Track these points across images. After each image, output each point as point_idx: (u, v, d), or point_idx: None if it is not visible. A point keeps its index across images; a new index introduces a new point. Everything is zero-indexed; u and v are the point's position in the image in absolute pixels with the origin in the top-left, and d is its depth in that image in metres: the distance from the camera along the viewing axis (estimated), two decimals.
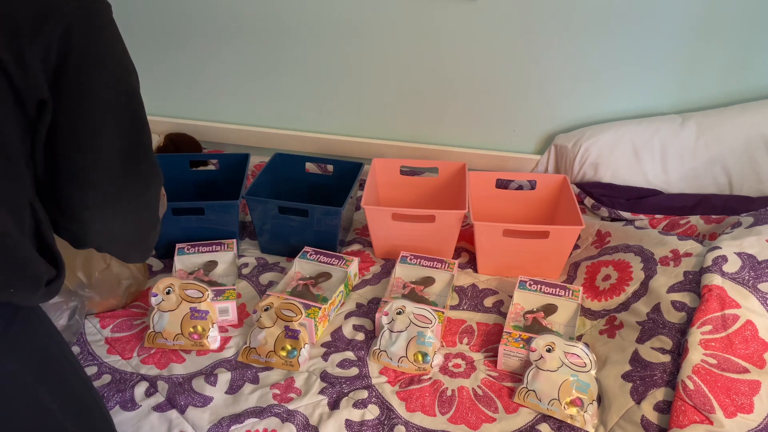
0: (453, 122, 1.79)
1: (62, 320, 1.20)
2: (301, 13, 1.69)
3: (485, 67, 1.67)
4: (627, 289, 1.27)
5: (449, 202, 1.59)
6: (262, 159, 1.84)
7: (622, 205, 1.54)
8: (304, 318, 1.21)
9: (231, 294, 1.30)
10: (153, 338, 1.22)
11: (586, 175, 1.63)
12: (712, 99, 1.60)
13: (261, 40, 1.76)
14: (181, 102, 1.95)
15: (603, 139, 1.59)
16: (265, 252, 1.52)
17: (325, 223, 1.43)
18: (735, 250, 1.18)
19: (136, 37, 1.83)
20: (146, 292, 1.37)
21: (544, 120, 1.73)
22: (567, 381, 1.08)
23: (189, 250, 1.44)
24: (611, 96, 1.65)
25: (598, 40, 1.57)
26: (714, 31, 1.51)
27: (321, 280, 1.37)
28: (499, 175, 1.58)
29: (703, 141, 1.53)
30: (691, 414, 0.97)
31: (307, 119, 1.88)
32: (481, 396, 1.12)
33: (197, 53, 1.83)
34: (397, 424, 1.06)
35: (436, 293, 1.35)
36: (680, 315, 1.14)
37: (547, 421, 1.06)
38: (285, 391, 1.12)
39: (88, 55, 0.65)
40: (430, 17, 1.62)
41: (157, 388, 1.13)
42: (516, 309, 1.29)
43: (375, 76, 1.76)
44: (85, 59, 0.65)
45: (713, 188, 1.56)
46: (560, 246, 1.37)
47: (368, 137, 1.86)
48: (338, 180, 1.62)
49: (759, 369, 1.02)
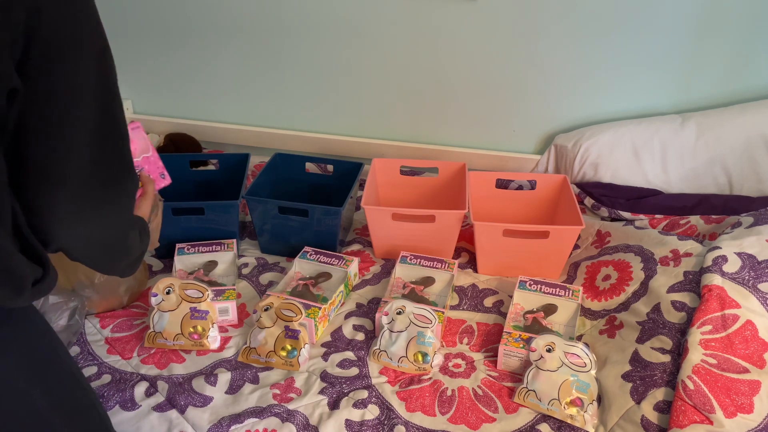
0: (453, 122, 1.79)
1: (62, 320, 1.20)
2: (301, 13, 1.69)
3: (485, 67, 1.67)
4: (627, 289, 1.27)
5: (449, 202, 1.59)
6: (262, 159, 1.84)
7: (622, 205, 1.54)
8: (304, 318, 1.21)
9: (231, 294, 1.30)
10: (153, 338, 1.21)
11: (586, 175, 1.63)
12: (712, 99, 1.60)
13: (261, 41, 1.76)
14: (181, 102, 1.95)
15: (603, 139, 1.59)
16: (265, 252, 1.52)
17: (325, 223, 1.43)
18: (735, 250, 1.18)
19: (136, 38, 1.84)
20: (146, 292, 1.37)
21: (544, 120, 1.73)
22: (567, 381, 1.08)
23: (189, 250, 1.44)
24: (611, 96, 1.66)
25: (598, 40, 1.57)
26: (714, 31, 1.51)
27: (321, 280, 1.37)
28: (499, 175, 1.58)
29: (703, 141, 1.53)
30: (691, 414, 0.97)
31: (307, 119, 1.88)
32: (481, 396, 1.12)
33: (197, 53, 1.83)
34: (397, 424, 1.06)
35: (436, 293, 1.35)
36: (680, 315, 1.14)
37: (547, 421, 1.06)
38: (285, 391, 1.12)
39: (59, 42, 0.61)
40: (430, 17, 1.62)
41: (157, 388, 1.13)
42: (516, 309, 1.29)
43: (375, 76, 1.76)
44: (55, 46, 0.61)
45: (713, 188, 1.56)
46: (560, 246, 1.37)
47: (368, 137, 1.86)
48: (338, 180, 1.62)
49: (759, 369, 1.02)
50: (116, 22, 1.81)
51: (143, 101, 1.97)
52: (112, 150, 0.71)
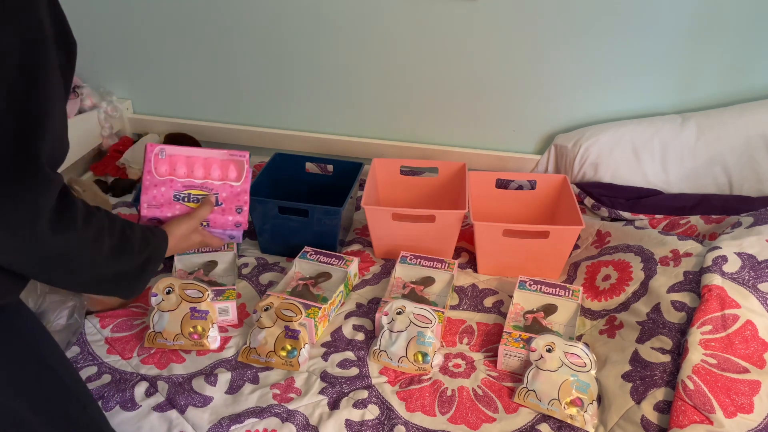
0: (453, 122, 1.79)
1: (61, 319, 1.20)
2: (302, 13, 1.69)
3: (485, 67, 1.67)
4: (627, 289, 1.27)
5: (449, 202, 1.59)
6: (262, 159, 1.84)
7: (622, 205, 1.54)
8: (304, 318, 1.21)
9: (231, 294, 1.30)
10: (153, 338, 1.21)
11: (586, 175, 1.63)
12: (712, 99, 1.60)
13: (261, 41, 1.76)
14: (181, 102, 1.95)
15: (603, 139, 1.59)
16: (265, 252, 1.52)
17: (325, 223, 1.43)
18: (735, 250, 1.18)
19: (136, 38, 1.84)
20: (146, 292, 1.36)
21: (544, 120, 1.73)
22: (567, 381, 1.08)
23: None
24: (611, 96, 1.66)
25: (598, 40, 1.57)
26: (714, 32, 1.51)
27: (321, 280, 1.37)
28: (499, 175, 1.58)
29: (703, 141, 1.53)
30: (691, 414, 0.97)
31: (307, 119, 1.88)
32: (481, 396, 1.12)
33: (197, 53, 1.83)
34: (397, 424, 1.06)
35: (436, 293, 1.35)
36: (680, 315, 1.14)
37: (547, 421, 1.06)
38: (285, 391, 1.12)
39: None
40: (430, 17, 1.62)
41: (157, 388, 1.13)
42: (516, 309, 1.29)
43: (375, 76, 1.76)
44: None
45: (713, 188, 1.56)
46: (560, 246, 1.37)
47: (368, 137, 1.86)
48: (338, 180, 1.62)
49: (759, 369, 1.02)
50: (116, 22, 1.81)
51: (143, 101, 1.97)
52: (29, 138, 0.65)
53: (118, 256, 0.82)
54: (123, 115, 1.94)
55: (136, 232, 0.88)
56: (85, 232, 0.76)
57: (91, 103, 1.86)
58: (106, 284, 0.84)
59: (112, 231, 0.81)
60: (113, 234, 0.82)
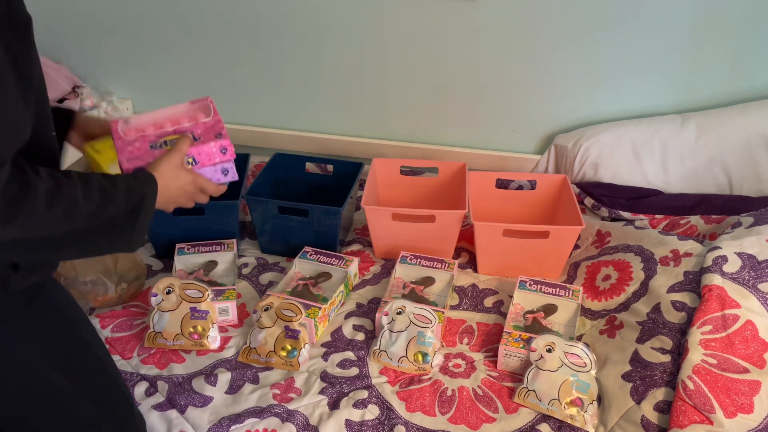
0: (453, 122, 1.79)
1: None
2: (302, 13, 1.69)
3: (485, 67, 1.67)
4: (627, 289, 1.27)
5: (449, 202, 1.59)
6: (262, 159, 1.84)
7: (622, 205, 1.54)
8: (304, 318, 1.21)
9: (231, 294, 1.30)
10: (153, 338, 1.21)
11: (586, 175, 1.63)
12: (712, 99, 1.60)
13: (261, 41, 1.76)
14: (180, 102, 1.94)
15: (603, 139, 1.59)
16: (265, 252, 1.52)
17: (325, 223, 1.43)
18: (735, 250, 1.18)
19: (136, 38, 1.83)
20: (146, 292, 1.36)
21: (544, 120, 1.73)
22: (567, 381, 1.08)
23: (189, 250, 1.44)
24: (611, 96, 1.65)
25: (599, 40, 1.57)
26: (714, 32, 1.51)
27: (321, 280, 1.37)
28: (499, 175, 1.58)
29: (703, 141, 1.53)
30: (691, 414, 0.97)
31: (307, 119, 1.88)
32: (481, 396, 1.12)
33: (197, 53, 1.83)
34: (397, 424, 1.06)
35: (436, 293, 1.35)
36: (680, 315, 1.14)
37: (547, 421, 1.06)
38: (285, 391, 1.12)
39: None
40: (430, 17, 1.62)
41: (157, 388, 1.13)
42: (516, 309, 1.29)
43: (375, 76, 1.76)
44: None
45: (713, 188, 1.56)
46: (560, 246, 1.37)
47: (368, 137, 1.86)
48: (338, 180, 1.62)
49: (759, 369, 1.02)
50: (116, 22, 1.81)
51: (143, 101, 1.97)
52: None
53: (101, 213, 0.75)
54: (123, 115, 1.94)
55: (119, 183, 0.80)
56: (51, 212, 0.69)
57: (91, 103, 1.86)
58: (102, 244, 0.79)
59: (88, 194, 0.74)
60: (90, 196, 0.74)
